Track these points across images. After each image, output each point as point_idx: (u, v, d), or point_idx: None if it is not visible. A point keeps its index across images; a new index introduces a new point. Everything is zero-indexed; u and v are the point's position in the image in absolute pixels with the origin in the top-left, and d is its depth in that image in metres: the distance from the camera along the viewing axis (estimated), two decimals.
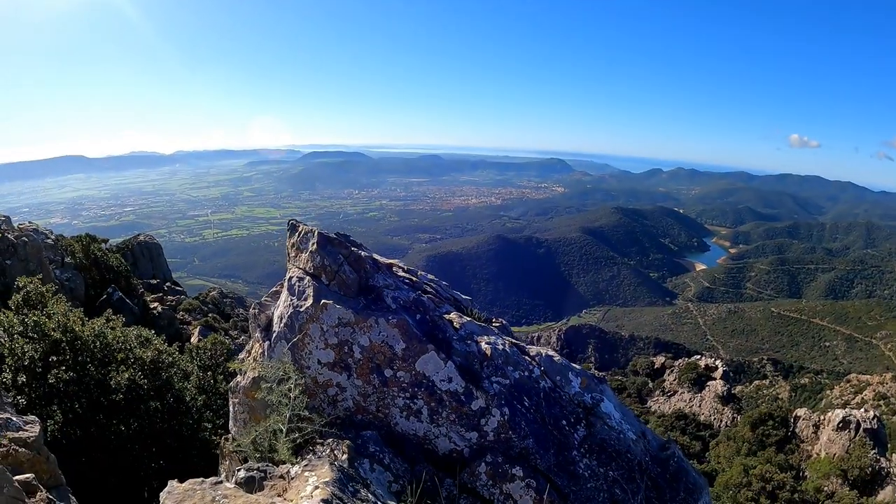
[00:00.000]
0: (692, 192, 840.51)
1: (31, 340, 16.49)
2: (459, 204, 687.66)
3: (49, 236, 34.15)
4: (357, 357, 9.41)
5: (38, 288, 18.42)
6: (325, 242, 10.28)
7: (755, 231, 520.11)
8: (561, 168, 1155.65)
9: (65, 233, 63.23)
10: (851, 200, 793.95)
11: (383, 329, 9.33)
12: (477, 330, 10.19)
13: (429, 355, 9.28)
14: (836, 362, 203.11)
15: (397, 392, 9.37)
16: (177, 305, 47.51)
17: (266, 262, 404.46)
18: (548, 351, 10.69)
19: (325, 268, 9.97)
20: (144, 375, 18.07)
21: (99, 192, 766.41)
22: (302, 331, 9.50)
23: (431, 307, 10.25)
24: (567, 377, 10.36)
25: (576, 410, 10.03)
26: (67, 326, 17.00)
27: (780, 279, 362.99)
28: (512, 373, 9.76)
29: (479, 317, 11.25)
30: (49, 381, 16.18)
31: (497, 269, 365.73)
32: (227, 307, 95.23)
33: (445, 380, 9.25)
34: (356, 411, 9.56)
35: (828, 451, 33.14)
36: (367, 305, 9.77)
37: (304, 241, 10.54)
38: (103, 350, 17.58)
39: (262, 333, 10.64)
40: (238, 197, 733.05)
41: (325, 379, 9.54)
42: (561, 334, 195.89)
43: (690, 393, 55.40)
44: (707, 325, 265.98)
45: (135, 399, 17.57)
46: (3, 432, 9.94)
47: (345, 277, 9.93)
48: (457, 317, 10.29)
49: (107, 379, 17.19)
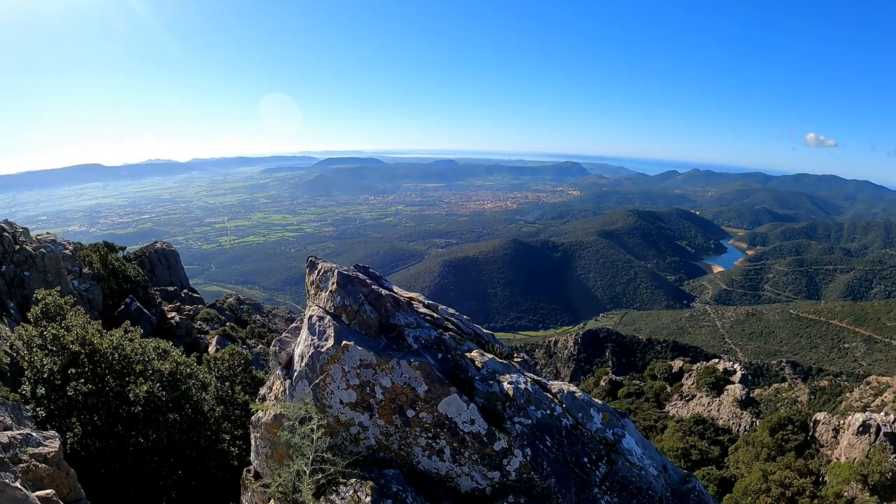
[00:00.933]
0: (708, 194, 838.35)
1: (50, 353, 16.63)
2: (475, 208, 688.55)
3: (67, 247, 34.39)
4: (379, 398, 9.43)
5: (56, 300, 18.53)
6: (346, 281, 10.26)
7: (772, 232, 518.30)
8: (576, 171, 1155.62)
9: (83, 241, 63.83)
10: (869, 200, 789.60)
11: (405, 371, 9.34)
12: (499, 368, 10.17)
13: (451, 397, 9.27)
14: (855, 364, 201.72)
15: (419, 432, 9.38)
16: (194, 315, 47.63)
17: (282, 269, 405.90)
18: (570, 387, 10.65)
19: (345, 308, 9.96)
20: (163, 387, 18.17)
21: (116, 200, 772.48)
22: (323, 371, 9.53)
23: (453, 346, 10.23)
24: (588, 413, 10.35)
25: (597, 447, 10.02)
26: (86, 339, 17.12)
27: (798, 280, 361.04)
28: (534, 412, 9.74)
29: (501, 352, 11.20)
30: (68, 393, 16.31)
31: (513, 273, 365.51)
32: (243, 314, 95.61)
33: (468, 421, 9.26)
34: (378, 449, 9.58)
35: (848, 456, 32.83)
36: (388, 345, 9.76)
37: (323, 279, 10.54)
38: (122, 362, 17.70)
39: (282, 371, 10.66)
40: (254, 203, 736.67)
41: (347, 418, 9.56)
42: (578, 338, 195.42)
43: (709, 397, 55.05)
44: (725, 327, 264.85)
45: (153, 411, 17.68)
46: (24, 448, 10.04)
47: (365, 317, 9.92)
48: (478, 355, 10.27)
49: (125, 391, 17.30)
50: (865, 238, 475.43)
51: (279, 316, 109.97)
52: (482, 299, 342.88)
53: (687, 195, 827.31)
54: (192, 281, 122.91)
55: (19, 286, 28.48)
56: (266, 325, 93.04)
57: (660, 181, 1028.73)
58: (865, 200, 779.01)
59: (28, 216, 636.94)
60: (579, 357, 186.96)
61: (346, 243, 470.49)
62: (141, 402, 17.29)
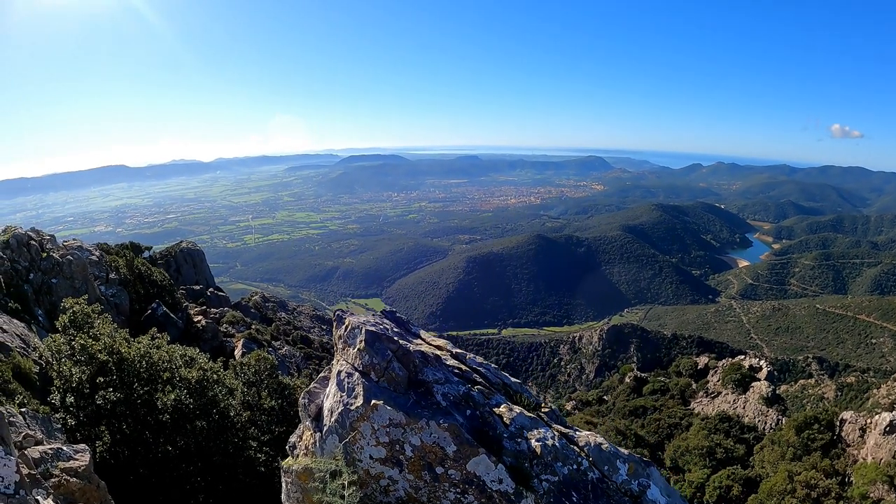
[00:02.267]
0: (733, 187, 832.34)
1: (79, 363, 16.89)
2: (499, 204, 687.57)
3: (93, 252, 34.76)
4: (408, 455, 9.61)
5: (83, 308, 18.79)
6: (373, 339, 10.39)
7: (798, 225, 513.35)
8: (600, 165, 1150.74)
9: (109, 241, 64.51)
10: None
11: (434, 431, 9.49)
12: (527, 423, 10.26)
13: (480, 458, 9.42)
14: (882, 360, 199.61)
15: (448, 487, 9.55)
16: (220, 318, 48.03)
17: (307, 266, 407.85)
18: (597, 439, 10.72)
19: (374, 366, 10.15)
20: (190, 395, 18.39)
21: (142, 201, 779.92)
22: (354, 429, 9.71)
23: (482, 401, 10.34)
24: (615, 465, 10.43)
25: (622, 500, 10.12)
26: (114, 348, 17.37)
27: (825, 274, 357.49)
28: (561, 469, 9.85)
29: (529, 403, 11.29)
30: (97, 402, 16.57)
31: (537, 268, 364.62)
32: (269, 311, 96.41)
33: (496, 480, 9.41)
34: (408, 501, 9.76)
35: (874, 456, 32.54)
36: (417, 401, 9.95)
37: (351, 335, 10.71)
38: (149, 370, 17.94)
39: (312, 423, 10.85)
40: (278, 202, 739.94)
41: (377, 472, 9.75)
42: (603, 334, 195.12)
43: (734, 394, 54.78)
44: (751, 322, 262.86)
45: (181, 418, 17.92)
46: (55, 463, 10.25)
47: (394, 375, 10.10)
48: (506, 410, 10.37)
49: (153, 399, 17.55)
50: (893, 230, 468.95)
51: (304, 313, 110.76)
52: (506, 295, 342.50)
53: (711, 188, 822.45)
54: (218, 279, 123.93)
55: (47, 293, 28.87)
56: (291, 322, 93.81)
57: (684, 175, 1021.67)
58: (893, 192, 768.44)
59: (55, 217, 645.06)
60: (604, 353, 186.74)
61: (370, 240, 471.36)
62: (169, 409, 17.54)
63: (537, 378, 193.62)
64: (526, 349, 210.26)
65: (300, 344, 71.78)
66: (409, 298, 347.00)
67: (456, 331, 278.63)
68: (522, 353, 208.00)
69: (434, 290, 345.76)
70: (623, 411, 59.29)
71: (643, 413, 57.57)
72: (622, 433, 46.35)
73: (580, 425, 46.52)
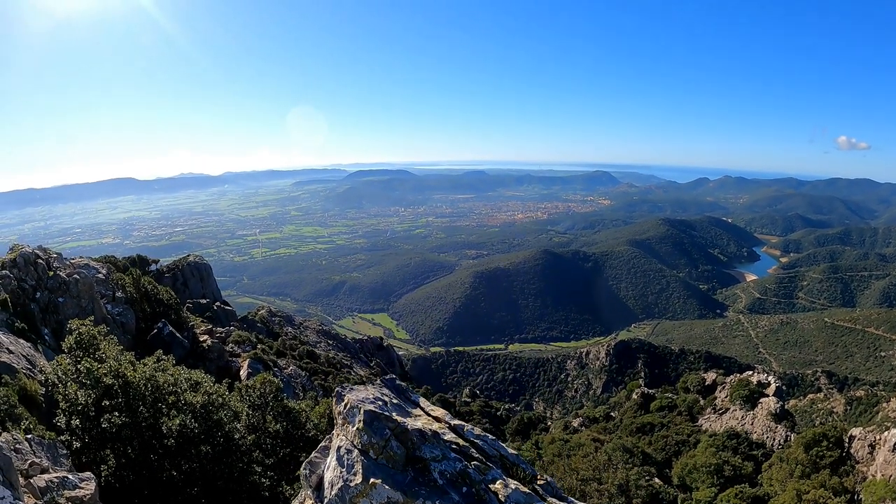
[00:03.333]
0: (740, 201, 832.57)
1: (84, 386, 16.91)
2: (505, 219, 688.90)
3: (100, 271, 34.82)
4: None
5: (89, 330, 18.81)
6: (372, 419, 10.57)
7: (806, 238, 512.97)
8: (606, 180, 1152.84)
9: (116, 253, 64.59)
10: None
11: None
12: (521, 500, 10.37)
13: None
14: (892, 373, 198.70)
15: None
16: (226, 338, 48.08)
17: (314, 280, 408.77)
18: None
19: (372, 444, 10.33)
20: (195, 419, 18.36)
21: (150, 213, 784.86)
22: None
23: (477, 478, 10.44)
24: None
25: None
26: (119, 371, 17.36)
27: (833, 287, 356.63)
28: None
29: (525, 475, 11.39)
30: (102, 425, 16.57)
31: (544, 283, 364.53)
32: (275, 326, 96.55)
33: None
34: None
35: (884, 473, 32.32)
36: (415, 478, 10.11)
37: (350, 414, 10.89)
38: (154, 394, 17.92)
39: (313, 493, 11.11)
40: (286, 216, 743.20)
41: None
42: (610, 349, 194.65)
43: (742, 410, 54.54)
44: (759, 337, 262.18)
45: (186, 442, 17.89)
46: (61, 492, 10.26)
47: (392, 453, 10.28)
48: (502, 486, 10.45)
49: (158, 423, 17.53)
50: None
51: (310, 328, 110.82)
52: (513, 310, 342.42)
53: (718, 202, 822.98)
54: (225, 293, 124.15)
55: (54, 312, 28.92)
56: (297, 337, 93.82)
57: (690, 189, 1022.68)
58: None
59: (63, 228, 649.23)
60: (611, 368, 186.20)
61: (378, 255, 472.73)
62: (174, 434, 17.51)
63: (544, 394, 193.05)
64: (533, 365, 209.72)
65: (306, 359, 71.75)
66: (415, 314, 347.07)
67: (462, 346, 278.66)
68: (529, 368, 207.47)
69: (441, 305, 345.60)
70: (630, 428, 59.08)
71: (650, 430, 57.36)
72: (629, 451, 46.14)
73: (587, 443, 46.41)
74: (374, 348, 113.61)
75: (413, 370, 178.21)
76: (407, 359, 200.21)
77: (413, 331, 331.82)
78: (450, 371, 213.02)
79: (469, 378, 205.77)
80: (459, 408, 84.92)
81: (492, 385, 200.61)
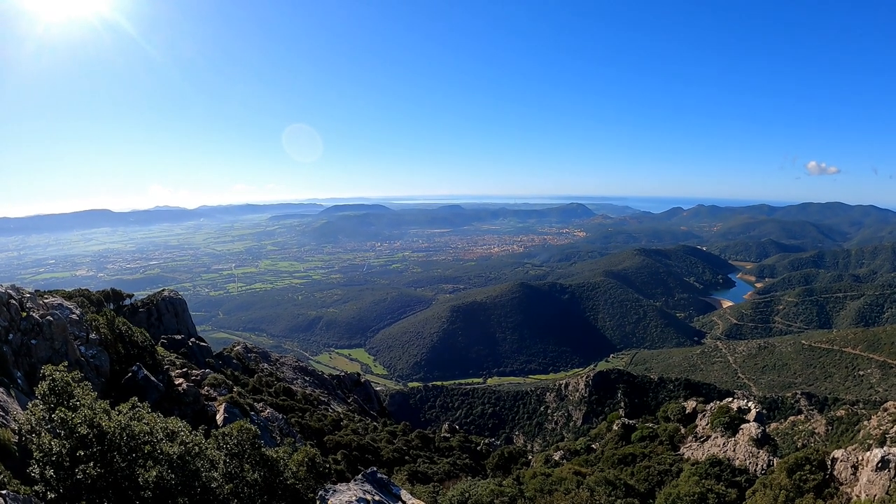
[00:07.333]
0: (714, 229, 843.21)
1: (58, 436, 16.51)
2: (482, 253, 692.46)
3: (74, 311, 34.22)
4: None
5: (63, 377, 18.38)
6: None
7: (780, 263, 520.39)
8: (581, 212, 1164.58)
9: (90, 286, 63.87)
10: (875, 224, 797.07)
11: None
12: None
13: None
14: (871, 391, 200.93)
15: None
16: (202, 380, 47.55)
17: (290, 315, 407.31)
18: None
19: None
20: (172, 470, 17.98)
21: (125, 246, 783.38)
22: None
23: None
24: None
25: None
26: (94, 421, 16.98)
27: (809, 310, 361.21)
28: None
29: None
30: (77, 476, 16.14)
31: (522, 317, 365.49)
32: (251, 362, 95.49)
33: None
34: None
35: (868, 493, 32.18)
36: None
37: None
38: (129, 443, 17.52)
39: None
40: (262, 251, 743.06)
41: None
42: (589, 380, 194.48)
43: (724, 437, 54.43)
44: (737, 362, 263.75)
45: (163, 494, 17.48)
46: None
47: None
48: None
49: (134, 474, 17.12)
50: (874, 263, 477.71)
51: (287, 364, 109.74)
52: (491, 344, 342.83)
53: (693, 231, 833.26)
54: (200, 328, 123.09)
55: (26, 355, 28.33)
56: (273, 373, 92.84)
57: (665, 219, 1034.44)
58: (871, 225, 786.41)
59: (36, 259, 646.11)
60: (591, 399, 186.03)
61: (354, 290, 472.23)
62: (150, 486, 17.12)
63: (524, 427, 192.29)
64: (512, 398, 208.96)
65: (283, 396, 70.92)
66: (393, 349, 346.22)
67: (441, 380, 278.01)
68: (508, 402, 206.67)
69: (418, 339, 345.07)
70: (612, 460, 58.71)
71: (632, 461, 57.03)
72: (612, 483, 45.78)
73: (569, 476, 45.98)
74: (351, 384, 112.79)
75: (391, 406, 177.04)
76: (385, 394, 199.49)
77: (390, 366, 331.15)
78: (428, 406, 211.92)
79: (448, 413, 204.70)
80: (439, 443, 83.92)
81: (471, 419, 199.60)
